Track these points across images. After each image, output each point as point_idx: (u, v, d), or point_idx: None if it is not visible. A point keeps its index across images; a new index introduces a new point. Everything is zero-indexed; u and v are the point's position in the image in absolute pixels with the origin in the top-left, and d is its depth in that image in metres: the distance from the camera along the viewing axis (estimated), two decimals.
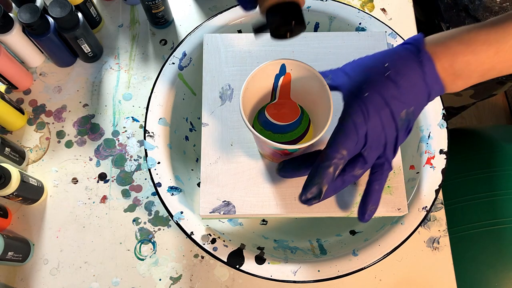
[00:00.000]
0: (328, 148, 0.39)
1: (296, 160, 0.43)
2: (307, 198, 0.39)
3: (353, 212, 0.46)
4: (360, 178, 0.42)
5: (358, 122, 0.38)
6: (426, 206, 0.50)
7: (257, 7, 0.39)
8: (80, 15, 0.60)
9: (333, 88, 0.42)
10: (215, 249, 0.49)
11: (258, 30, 0.39)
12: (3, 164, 0.52)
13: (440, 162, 0.52)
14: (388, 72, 0.40)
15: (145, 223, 0.58)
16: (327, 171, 0.38)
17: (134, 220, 0.58)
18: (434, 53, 0.40)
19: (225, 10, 0.58)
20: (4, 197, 0.53)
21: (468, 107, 0.94)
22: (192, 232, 0.49)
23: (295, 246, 0.53)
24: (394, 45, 0.55)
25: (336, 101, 0.41)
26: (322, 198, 0.39)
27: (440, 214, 0.58)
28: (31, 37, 0.60)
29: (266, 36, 0.40)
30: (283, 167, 0.43)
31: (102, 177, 0.60)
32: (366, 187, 0.43)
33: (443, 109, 0.53)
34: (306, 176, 0.41)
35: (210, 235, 0.49)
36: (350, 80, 0.42)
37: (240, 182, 0.47)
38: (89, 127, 0.63)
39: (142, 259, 0.57)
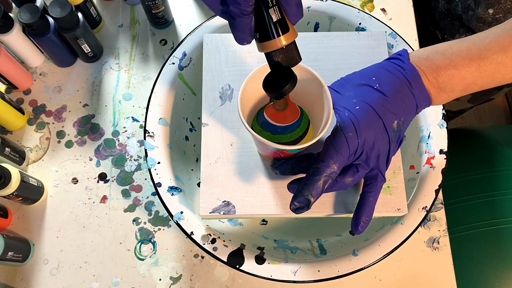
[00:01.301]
0: (320, 162, 0.39)
1: (290, 161, 0.43)
2: (296, 207, 0.40)
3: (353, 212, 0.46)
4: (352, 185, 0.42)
5: (350, 136, 0.39)
6: (426, 206, 0.50)
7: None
8: (80, 15, 0.60)
9: None
10: (215, 249, 0.49)
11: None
12: (3, 164, 0.52)
13: (440, 162, 0.52)
14: (377, 84, 0.40)
15: (145, 223, 0.58)
16: (316, 184, 0.39)
17: (134, 220, 0.58)
18: (419, 66, 0.41)
19: None
20: (4, 197, 0.53)
21: (466, 111, 0.94)
22: (192, 232, 0.49)
23: (295, 246, 0.53)
24: (394, 45, 0.56)
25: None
26: (310, 208, 0.40)
27: (440, 214, 0.58)
28: (31, 37, 0.60)
29: None
30: (278, 166, 0.44)
31: (102, 177, 0.60)
32: (359, 199, 0.43)
33: (443, 109, 0.53)
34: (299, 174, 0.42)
35: (210, 235, 0.49)
36: (340, 96, 0.42)
37: (240, 182, 0.47)
38: (89, 127, 0.63)
39: (142, 259, 0.57)
